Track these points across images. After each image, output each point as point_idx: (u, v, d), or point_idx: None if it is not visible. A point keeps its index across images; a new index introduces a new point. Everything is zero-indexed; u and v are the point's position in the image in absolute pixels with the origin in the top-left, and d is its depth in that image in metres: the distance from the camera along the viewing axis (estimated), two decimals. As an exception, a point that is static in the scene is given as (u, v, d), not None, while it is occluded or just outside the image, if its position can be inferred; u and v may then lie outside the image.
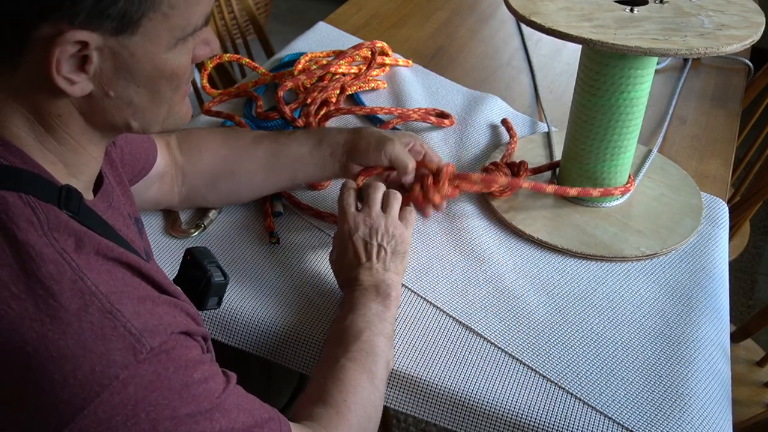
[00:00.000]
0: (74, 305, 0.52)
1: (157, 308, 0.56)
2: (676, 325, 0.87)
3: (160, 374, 0.53)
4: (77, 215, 0.57)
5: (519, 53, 1.49)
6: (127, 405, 0.51)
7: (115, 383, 0.51)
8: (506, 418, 0.77)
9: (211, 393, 0.57)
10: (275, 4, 3.54)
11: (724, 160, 1.18)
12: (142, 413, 0.52)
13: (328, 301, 0.88)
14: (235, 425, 0.58)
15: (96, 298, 0.53)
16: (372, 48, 1.32)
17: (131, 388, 0.52)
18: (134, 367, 0.52)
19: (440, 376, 0.80)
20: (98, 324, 0.52)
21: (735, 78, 1.42)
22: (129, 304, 0.54)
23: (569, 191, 0.99)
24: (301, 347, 0.84)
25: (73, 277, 0.53)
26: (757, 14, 0.91)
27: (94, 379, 0.51)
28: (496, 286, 0.91)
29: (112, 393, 0.51)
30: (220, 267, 0.77)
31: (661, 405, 0.78)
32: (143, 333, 0.53)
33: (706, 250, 0.98)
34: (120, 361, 0.52)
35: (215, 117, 1.19)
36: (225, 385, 0.59)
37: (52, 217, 0.55)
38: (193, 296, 0.76)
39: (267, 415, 0.62)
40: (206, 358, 0.59)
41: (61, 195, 0.57)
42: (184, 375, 0.55)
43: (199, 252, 0.79)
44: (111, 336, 0.52)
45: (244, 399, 0.61)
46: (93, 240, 0.56)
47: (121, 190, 0.75)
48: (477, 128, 1.21)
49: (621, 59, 0.90)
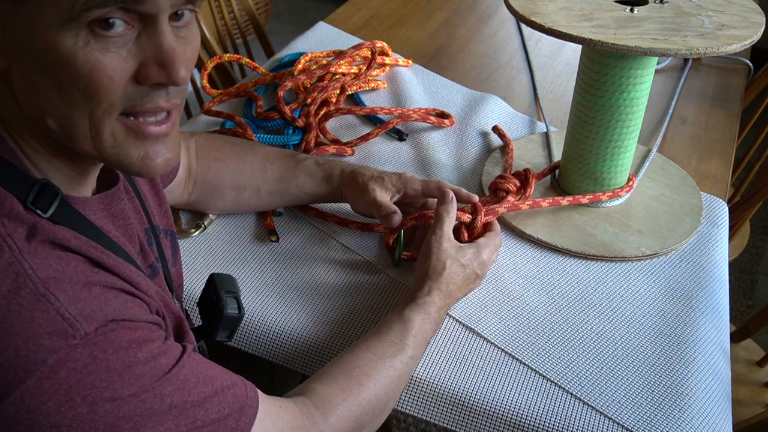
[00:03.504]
0: (5, 287, 0.50)
1: (105, 293, 0.54)
2: (676, 324, 0.87)
3: (96, 357, 0.51)
4: (45, 213, 0.55)
5: (519, 53, 1.49)
6: (59, 390, 0.49)
7: (42, 368, 0.49)
8: (506, 418, 0.77)
9: (159, 369, 0.55)
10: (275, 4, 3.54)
11: (724, 160, 1.18)
12: (78, 397, 0.50)
13: (329, 301, 0.88)
14: (189, 397, 0.56)
15: (30, 281, 0.51)
16: (372, 48, 1.32)
17: (62, 372, 0.50)
18: (65, 352, 0.50)
19: (440, 376, 0.80)
20: (28, 307, 0.50)
21: (735, 78, 1.42)
22: (69, 290, 0.52)
23: (582, 200, 1.00)
24: (303, 348, 0.84)
25: (11, 260, 0.51)
26: (757, 14, 0.91)
27: (19, 364, 0.49)
28: (496, 286, 0.91)
29: (40, 378, 0.49)
30: (238, 299, 0.74)
31: (661, 405, 0.78)
32: (78, 318, 0.51)
33: (706, 250, 0.98)
34: (49, 345, 0.50)
35: (215, 117, 1.19)
36: (179, 357, 0.57)
37: (7, 204, 0.53)
38: (207, 323, 0.75)
39: (229, 382, 0.60)
40: (157, 336, 0.57)
41: (30, 190, 0.55)
42: (125, 356, 0.53)
43: (221, 280, 0.75)
44: (41, 320, 0.50)
45: (204, 367, 0.59)
46: (49, 230, 0.54)
47: (154, 200, 0.74)
48: (477, 128, 1.21)
49: (621, 59, 0.90)
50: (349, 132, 1.19)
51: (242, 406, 0.60)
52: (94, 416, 0.51)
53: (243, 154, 0.96)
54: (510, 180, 0.99)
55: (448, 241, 0.83)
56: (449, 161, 1.13)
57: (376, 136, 1.16)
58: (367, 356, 0.73)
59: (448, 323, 0.86)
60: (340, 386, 0.70)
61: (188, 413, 0.55)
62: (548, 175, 1.07)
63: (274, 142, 1.12)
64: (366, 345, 0.75)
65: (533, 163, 1.12)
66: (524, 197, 0.98)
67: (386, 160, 1.13)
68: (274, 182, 0.96)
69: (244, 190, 0.96)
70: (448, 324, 0.86)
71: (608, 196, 1.01)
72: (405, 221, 0.90)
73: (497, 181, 1.00)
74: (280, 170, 0.96)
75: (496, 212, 0.93)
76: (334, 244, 0.97)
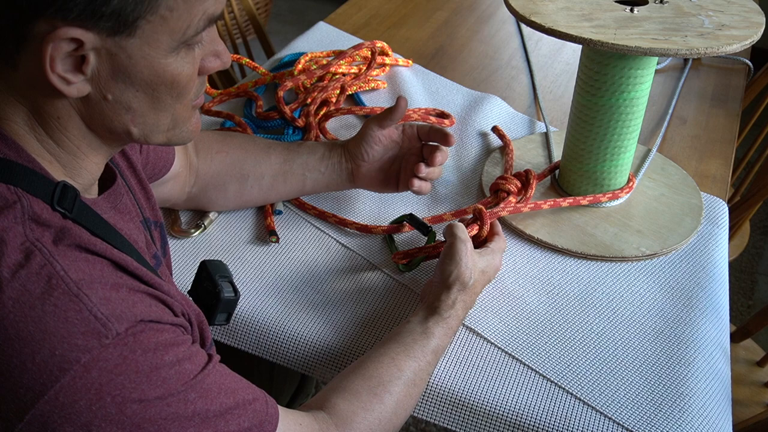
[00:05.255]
0: (38, 288, 0.51)
1: (132, 296, 0.55)
2: (676, 324, 0.87)
3: (127, 357, 0.52)
4: (70, 212, 0.57)
5: (519, 53, 1.49)
6: (91, 389, 0.50)
7: (76, 367, 0.50)
8: (506, 418, 0.77)
9: (185, 374, 0.56)
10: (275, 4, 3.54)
11: (724, 160, 1.18)
12: (108, 397, 0.51)
13: (328, 301, 0.88)
14: (212, 406, 0.57)
15: (63, 282, 0.52)
16: (372, 48, 1.32)
17: (95, 372, 0.51)
18: (98, 351, 0.51)
19: (440, 376, 0.80)
20: (62, 307, 0.51)
21: (735, 78, 1.42)
22: (99, 290, 0.53)
23: (582, 201, 1.00)
24: (302, 348, 0.84)
25: (42, 262, 0.52)
26: (757, 14, 0.91)
27: (54, 363, 0.50)
28: (496, 286, 0.91)
29: (74, 377, 0.50)
30: (233, 283, 0.76)
31: (661, 405, 0.78)
32: (110, 318, 0.52)
33: (706, 250, 0.98)
34: (83, 345, 0.51)
35: (215, 117, 1.19)
36: (204, 365, 0.58)
37: (36, 208, 0.55)
38: (203, 310, 0.76)
39: (251, 396, 0.61)
40: (183, 340, 0.58)
41: (55, 191, 0.57)
42: (153, 358, 0.54)
43: (213, 266, 0.77)
44: (74, 320, 0.51)
45: (227, 379, 0.60)
46: (75, 234, 0.55)
47: (141, 194, 0.75)
48: (477, 128, 1.21)
49: (621, 59, 0.90)
50: (349, 132, 1.19)
51: (262, 421, 0.61)
52: (122, 416, 0.52)
53: (245, 145, 0.97)
54: (511, 181, 0.99)
55: (472, 250, 0.82)
56: (449, 161, 1.13)
57: (376, 136, 1.16)
58: (391, 372, 0.74)
59: (448, 323, 0.86)
60: (362, 404, 0.71)
61: (210, 423, 0.56)
62: (548, 175, 1.07)
63: (274, 142, 1.12)
64: (391, 357, 0.75)
65: (533, 163, 1.12)
66: (525, 198, 0.98)
67: (386, 160, 1.13)
68: (278, 165, 0.96)
69: (247, 179, 0.96)
70: (448, 324, 0.86)
71: (608, 197, 1.01)
72: (417, 252, 0.91)
73: (498, 181, 1.00)
74: (282, 153, 0.96)
75: (498, 215, 0.93)
76: (333, 244, 0.97)
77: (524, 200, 0.98)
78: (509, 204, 0.97)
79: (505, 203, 0.97)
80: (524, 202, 0.98)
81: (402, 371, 0.74)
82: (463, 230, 0.82)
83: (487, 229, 0.89)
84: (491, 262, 0.85)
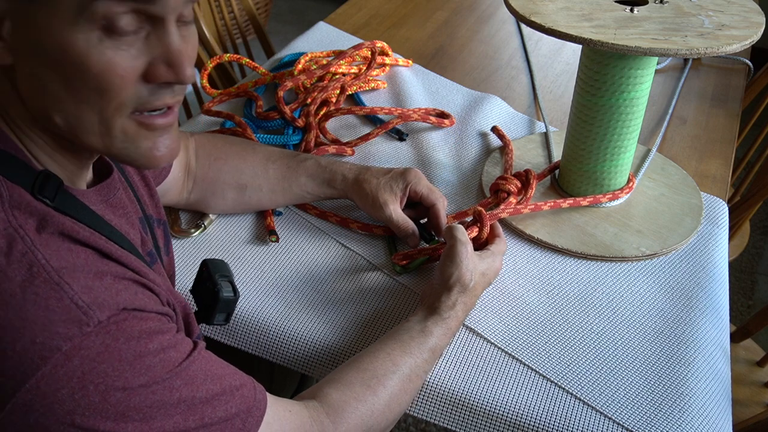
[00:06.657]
0: (19, 276, 0.51)
1: (117, 284, 0.55)
2: (676, 325, 0.87)
3: (109, 345, 0.52)
4: (51, 201, 0.56)
5: (519, 53, 1.49)
6: (73, 377, 0.50)
7: (57, 355, 0.50)
8: (506, 418, 0.77)
9: (169, 362, 0.55)
10: (275, 4, 3.54)
11: (724, 160, 1.18)
12: (90, 385, 0.50)
13: (328, 301, 0.88)
14: (197, 393, 0.56)
15: (44, 270, 0.51)
16: (372, 48, 1.32)
17: (76, 360, 0.50)
18: (79, 339, 0.50)
19: (440, 376, 0.80)
20: (43, 295, 0.51)
21: (735, 78, 1.42)
22: (81, 279, 0.53)
23: (582, 202, 1.00)
24: (302, 348, 0.84)
25: (24, 250, 0.52)
26: (757, 14, 0.91)
27: (35, 351, 0.49)
28: (496, 286, 0.91)
29: (55, 365, 0.50)
30: (233, 283, 0.75)
31: (661, 405, 0.78)
32: (91, 306, 0.52)
33: (706, 250, 0.98)
34: (64, 333, 0.50)
35: (215, 117, 1.19)
36: (189, 352, 0.58)
37: (16, 195, 0.54)
38: (203, 309, 0.76)
39: (238, 382, 0.60)
40: (168, 328, 0.57)
41: (36, 180, 0.56)
42: (136, 345, 0.53)
43: (214, 265, 0.76)
44: (55, 308, 0.51)
45: (213, 365, 0.59)
46: (59, 221, 0.55)
47: (145, 191, 0.74)
48: (477, 128, 1.21)
49: (621, 59, 0.90)
50: (349, 132, 1.19)
51: (250, 407, 0.60)
52: (105, 405, 0.51)
53: (244, 153, 0.96)
54: (511, 181, 0.99)
55: (473, 253, 0.83)
56: (449, 161, 1.13)
57: (376, 136, 1.16)
58: (386, 366, 0.74)
59: (448, 323, 0.86)
60: (355, 395, 0.70)
61: (196, 409, 0.56)
62: (548, 175, 1.07)
63: (274, 142, 1.12)
64: (386, 353, 0.75)
65: (533, 163, 1.12)
66: (525, 199, 0.98)
67: (386, 160, 1.13)
68: (276, 181, 0.96)
69: (245, 189, 0.96)
70: (448, 324, 0.86)
71: (608, 198, 1.01)
72: (417, 254, 0.91)
73: (498, 182, 1.00)
74: (281, 169, 0.96)
75: (498, 217, 0.93)
76: (334, 244, 0.97)
77: (524, 201, 0.98)
78: (509, 205, 0.97)
79: (505, 204, 0.97)
80: (524, 203, 0.98)
81: (397, 366, 0.74)
82: (463, 232, 0.82)
83: (486, 231, 0.89)
84: (492, 265, 0.85)
